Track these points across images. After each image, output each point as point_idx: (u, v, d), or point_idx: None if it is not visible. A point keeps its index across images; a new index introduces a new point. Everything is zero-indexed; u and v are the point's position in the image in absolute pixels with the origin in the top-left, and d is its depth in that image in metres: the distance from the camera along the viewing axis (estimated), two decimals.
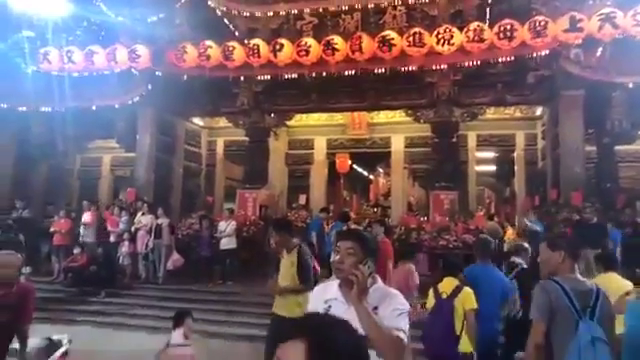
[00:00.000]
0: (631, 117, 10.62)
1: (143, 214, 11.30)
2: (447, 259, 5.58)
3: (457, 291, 4.59)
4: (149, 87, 12.92)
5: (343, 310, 2.35)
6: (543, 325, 2.86)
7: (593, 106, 10.80)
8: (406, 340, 2.21)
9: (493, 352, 4.76)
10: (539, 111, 13.32)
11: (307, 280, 4.78)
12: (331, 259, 2.46)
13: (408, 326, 2.27)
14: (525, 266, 5.34)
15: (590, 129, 11.31)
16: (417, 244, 9.98)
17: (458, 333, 4.43)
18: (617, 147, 11.60)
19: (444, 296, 4.62)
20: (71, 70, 12.92)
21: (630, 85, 10.17)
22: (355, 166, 19.71)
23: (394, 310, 2.26)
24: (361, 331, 2.25)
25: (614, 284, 4.34)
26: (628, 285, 4.45)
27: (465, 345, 4.41)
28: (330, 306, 2.39)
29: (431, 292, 4.81)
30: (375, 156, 16.57)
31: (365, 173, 22.81)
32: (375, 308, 2.28)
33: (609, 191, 10.98)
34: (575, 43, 10.13)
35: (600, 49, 10.17)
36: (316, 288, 2.55)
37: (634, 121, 10.76)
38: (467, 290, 4.58)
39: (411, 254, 6.46)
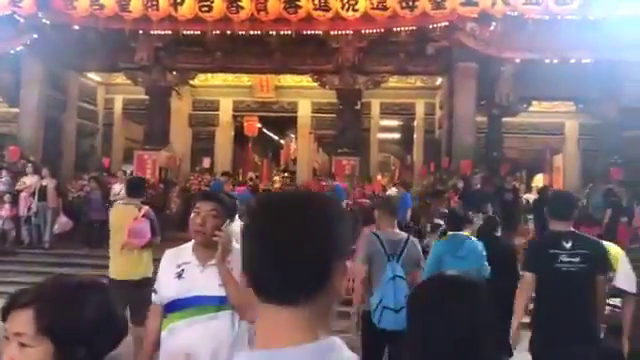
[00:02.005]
0: (517, 91, 11.39)
1: (27, 174, 10.46)
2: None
3: None
4: (34, 36, 11.77)
5: (198, 272, 2.33)
6: (364, 266, 3.82)
7: (485, 79, 11.43)
8: None
9: None
10: (438, 81, 13.87)
11: None
12: (190, 221, 2.40)
13: None
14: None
15: (482, 101, 11.98)
16: None
17: None
18: (504, 119, 12.42)
19: None
20: None
21: (517, 60, 10.85)
22: (265, 130, 19.55)
23: None
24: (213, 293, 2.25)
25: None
26: None
27: None
28: (183, 270, 2.36)
29: None
30: (284, 120, 16.49)
31: (276, 138, 22.69)
32: (231, 270, 2.29)
33: (495, 160, 11.80)
34: (471, 17, 10.57)
35: (493, 24, 10.70)
36: (168, 252, 2.49)
37: (520, 95, 11.56)
38: None
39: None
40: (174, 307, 2.32)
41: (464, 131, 11.43)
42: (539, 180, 16.61)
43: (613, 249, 3.49)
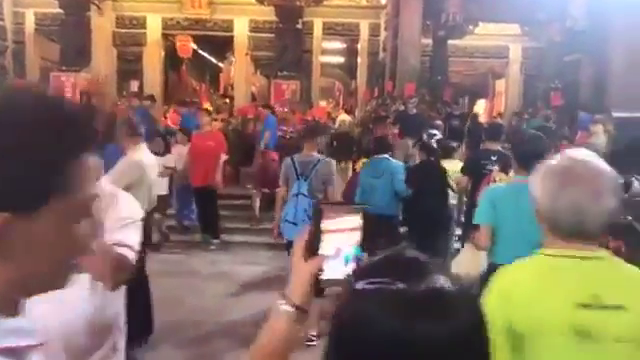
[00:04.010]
0: (464, 11, 10.88)
1: None
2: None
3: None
4: None
5: None
6: (285, 186, 4.32)
7: None
8: (133, 255, 1.71)
9: None
10: (384, 0, 13.11)
11: None
12: None
13: (139, 237, 1.77)
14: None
15: (428, 21, 11.43)
16: (253, 135, 9.55)
17: None
18: (450, 41, 11.98)
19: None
20: None
21: None
22: (201, 52, 18.25)
23: (118, 220, 1.72)
24: None
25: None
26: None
27: None
28: None
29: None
30: (220, 41, 15.30)
31: (214, 60, 21.34)
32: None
33: (439, 84, 11.48)
34: None
35: None
36: None
37: (466, 16, 11.07)
38: None
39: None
40: None
41: (409, 53, 10.91)
42: (481, 105, 16.61)
43: None
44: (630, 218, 5.82)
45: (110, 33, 13.63)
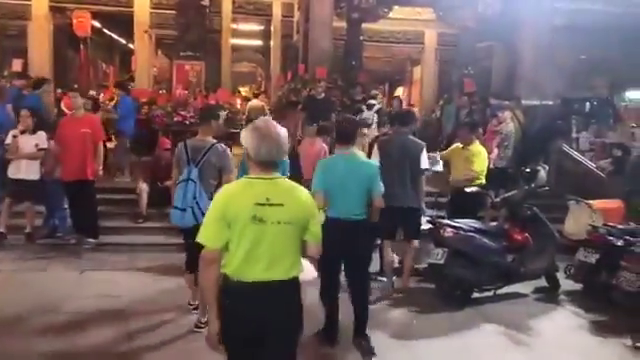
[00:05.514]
0: None
1: None
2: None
3: None
4: None
5: None
6: (175, 170, 4.20)
7: None
8: None
9: None
10: None
11: None
12: None
13: None
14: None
15: (342, 3, 10.88)
16: (147, 120, 8.56)
17: None
18: (365, 25, 11.51)
19: None
20: None
21: None
22: (107, 31, 16.72)
23: None
24: None
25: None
26: None
27: None
28: None
29: None
30: (127, 19, 13.93)
31: (123, 41, 19.68)
32: None
33: (354, 69, 10.99)
34: None
35: None
36: None
37: None
38: None
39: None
40: None
41: (320, 35, 10.27)
42: (400, 93, 16.45)
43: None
44: (535, 209, 5.64)
45: None
